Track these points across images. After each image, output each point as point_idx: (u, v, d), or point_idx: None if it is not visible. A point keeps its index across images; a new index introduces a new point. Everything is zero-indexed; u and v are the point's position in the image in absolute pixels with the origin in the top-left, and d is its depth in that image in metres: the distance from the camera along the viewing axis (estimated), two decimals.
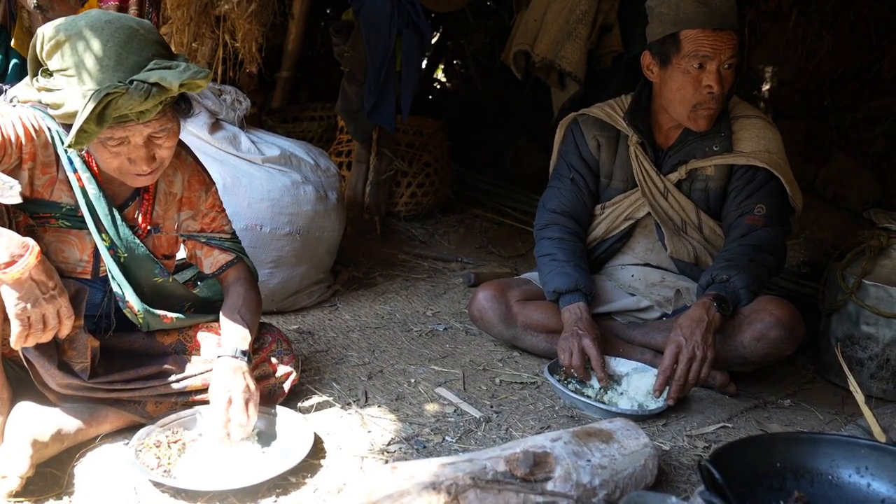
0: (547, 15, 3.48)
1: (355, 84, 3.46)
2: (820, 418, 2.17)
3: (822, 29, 3.77)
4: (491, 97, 5.59)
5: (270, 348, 1.92)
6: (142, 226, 1.78)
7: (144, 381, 1.72)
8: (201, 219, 1.89)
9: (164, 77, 1.47)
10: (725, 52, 2.15)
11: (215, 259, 1.91)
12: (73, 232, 1.70)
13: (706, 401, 2.18)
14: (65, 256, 1.71)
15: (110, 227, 1.69)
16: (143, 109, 1.50)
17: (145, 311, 1.75)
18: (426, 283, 3.17)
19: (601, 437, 1.61)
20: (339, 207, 2.87)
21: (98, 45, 1.48)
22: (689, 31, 2.15)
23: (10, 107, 1.61)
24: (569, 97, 3.62)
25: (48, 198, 1.64)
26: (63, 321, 1.50)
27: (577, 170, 2.44)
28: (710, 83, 2.16)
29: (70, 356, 1.63)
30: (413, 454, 1.77)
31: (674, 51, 2.18)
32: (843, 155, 3.67)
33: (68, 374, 1.62)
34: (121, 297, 1.74)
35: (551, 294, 2.26)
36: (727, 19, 2.15)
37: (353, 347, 2.40)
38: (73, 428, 1.63)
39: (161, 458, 1.62)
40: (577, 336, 2.13)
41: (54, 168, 1.64)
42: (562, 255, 2.31)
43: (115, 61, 1.49)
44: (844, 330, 2.42)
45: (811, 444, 1.48)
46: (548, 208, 2.45)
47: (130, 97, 1.46)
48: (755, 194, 2.27)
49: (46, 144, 1.61)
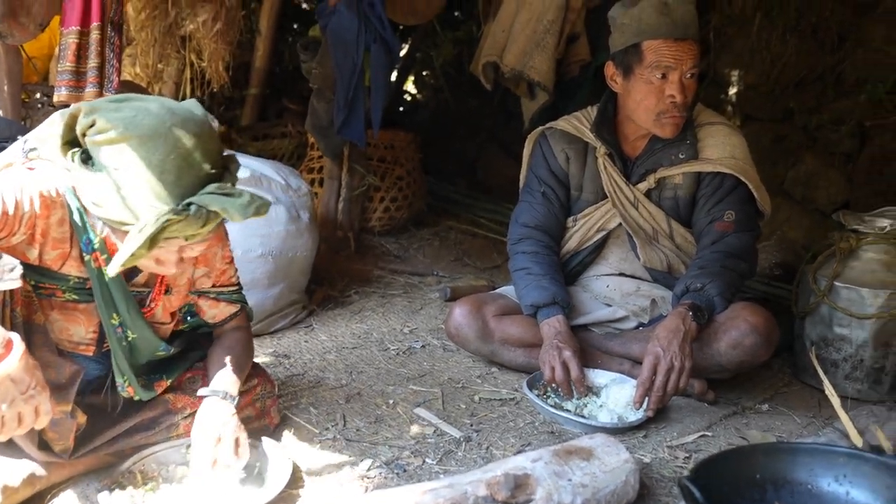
0: (514, 26, 3.49)
1: (324, 100, 3.44)
2: (798, 422, 2.18)
3: (786, 33, 3.81)
4: (461, 108, 5.60)
5: (256, 392, 1.87)
6: (156, 293, 1.68)
7: (127, 436, 1.68)
8: (215, 275, 1.79)
9: (225, 209, 1.35)
10: (687, 61, 2.16)
11: (220, 311, 1.82)
12: (80, 307, 1.61)
13: (685, 409, 2.18)
14: (70, 334, 1.63)
15: (124, 309, 1.59)
16: (195, 234, 1.40)
17: (142, 391, 1.70)
18: (402, 298, 3.15)
19: (581, 454, 1.60)
20: (312, 226, 2.85)
21: (159, 156, 1.33)
22: (651, 42, 2.16)
23: (31, 174, 1.46)
24: (538, 107, 3.63)
25: (57, 270, 1.54)
26: (40, 417, 1.37)
27: (547, 183, 2.44)
28: (672, 93, 2.17)
29: (51, 438, 1.56)
30: (393, 478, 1.75)
31: (636, 61, 2.20)
32: (811, 156, 3.72)
33: (49, 453, 1.56)
34: (121, 384, 1.67)
35: (528, 308, 2.26)
36: (689, 29, 2.17)
37: (329, 369, 2.37)
38: (46, 471, 1.58)
39: (135, 497, 1.58)
40: (558, 349, 2.13)
41: (68, 245, 1.52)
42: (537, 269, 2.31)
43: (175, 178, 1.34)
44: (818, 332, 2.45)
45: (790, 454, 1.48)
46: (520, 223, 2.45)
47: (188, 224, 1.34)
48: (724, 200, 2.28)
49: (62, 221, 1.49)
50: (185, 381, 1.82)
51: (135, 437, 1.69)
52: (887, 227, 2.38)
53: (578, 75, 3.67)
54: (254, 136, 4.45)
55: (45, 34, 3.21)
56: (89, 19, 2.55)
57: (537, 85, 3.47)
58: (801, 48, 3.79)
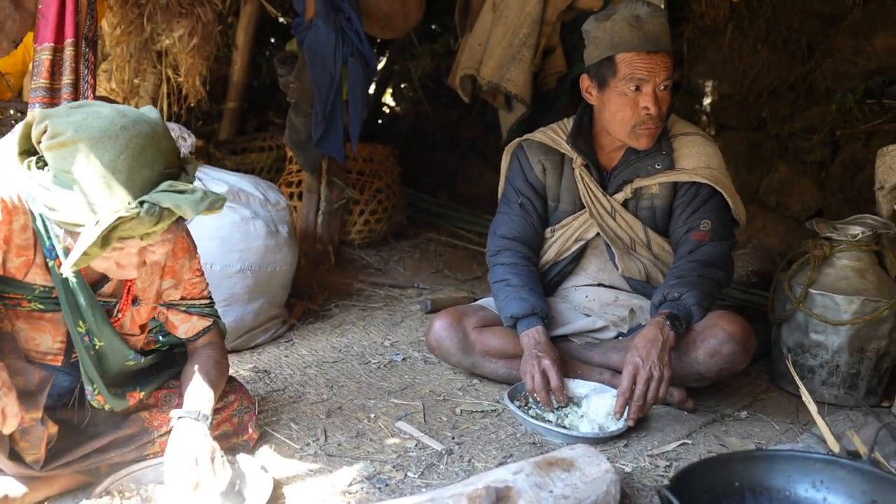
0: (491, 39, 3.52)
1: (302, 114, 3.43)
2: (776, 428, 2.20)
3: (757, 43, 3.88)
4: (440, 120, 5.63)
5: (233, 408, 1.86)
6: (123, 302, 1.67)
7: (101, 453, 1.65)
8: (183, 287, 1.79)
9: (178, 205, 1.35)
10: (660, 73, 2.19)
11: (192, 325, 1.81)
12: (46, 316, 1.59)
13: (665, 418, 2.20)
14: (36, 344, 1.61)
15: (90, 316, 1.58)
16: (149, 233, 1.38)
17: (113, 400, 1.68)
18: (383, 311, 3.14)
19: (562, 465, 1.61)
20: (291, 240, 2.84)
21: (109, 156, 1.34)
22: (624, 55, 2.19)
23: None
24: (516, 119, 3.66)
25: (21, 279, 1.52)
26: (7, 419, 1.38)
27: (524, 195, 2.46)
28: (646, 104, 2.20)
29: (22, 447, 1.53)
30: (375, 493, 1.74)
31: (610, 74, 2.22)
32: (784, 164, 3.78)
33: (20, 464, 1.53)
34: (90, 391, 1.65)
35: (508, 320, 2.27)
36: (661, 42, 2.19)
37: (310, 384, 2.36)
38: (20, 492, 1.56)
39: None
40: (537, 358, 2.14)
41: (31, 251, 1.51)
42: (516, 280, 2.32)
43: (127, 177, 1.35)
44: (795, 338, 2.48)
45: (767, 461, 1.50)
46: (499, 234, 2.46)
47: (140, 222, 1.34)
48: (699, 210, 2.31)
49: (25, 227, 1.48)
50: (161, 398, 1.81)
51: (109, 454, 1.67)
52: (859, 235, 2.41)
53: (555, 87, 3.70)
54: (232, 150, 4.44)
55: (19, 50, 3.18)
56: (63, 36, 2.53)
57: (514, 97, 3.49)
58: (772, 58, 3.86)
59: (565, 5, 3.48)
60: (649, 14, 2.19)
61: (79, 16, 2.54)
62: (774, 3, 3.80)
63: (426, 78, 5.59)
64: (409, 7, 3.61)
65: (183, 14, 3.31)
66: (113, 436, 1.69)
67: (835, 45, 3.66)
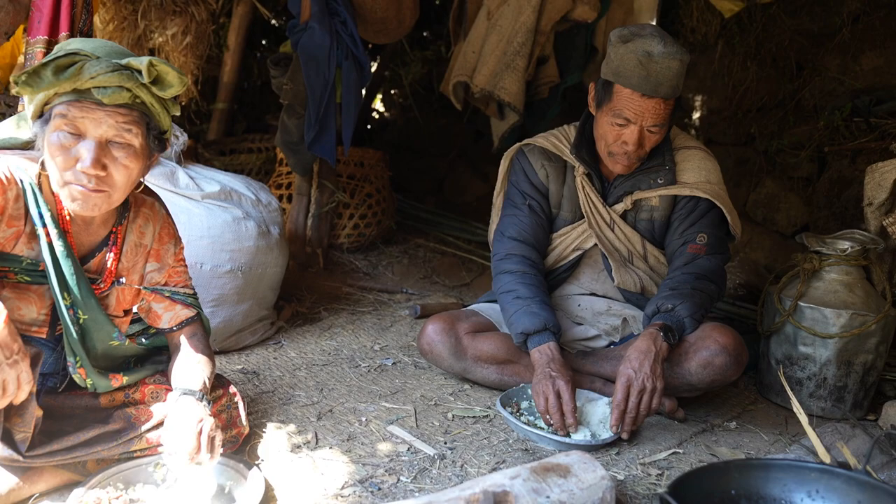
0: (485, 47, 3.53)
1: (295, 116, 3.42)
2: (765, 439, 2.22)
3: (747, 60, 3.93)
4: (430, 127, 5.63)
5: (222, 402, 1.85)
6: (106, 277, 1.69)
7: (86, 447, 1.63)
8: (167, 273, 1.82)
9: (133, 61, 1.46)
10: (648, 119, 2.15)
11: (177, 314, 1.84)
12: (33, 288, 1.60)
13: (656, 427, 2.20)
14: (21, 314, 1.61)
15: (74, 286, 1.60)
16: (106, 85, 1.45)
17: (95, 376, 1.68)
18: (372, 316, 3.13)
19: (559, 471, 1.60)
20: (282, 242, 2.82)
21: (93, 44, 1.49)
22: (621, 89, 2.15)
23: None
24: (508, 127, 3.67)
25: (9, 251, 1.55)
26: (22, 387, 1.39)
27: (531, 196, 2.42)
28: (626, 140, 2.18)
29: (14, 423, 1.52)
30: (368, 497, 1.72)
31: (606, 98, 2.20)
32: (772, 179, 3.82)
33: (7, 446, 1.51)
34: (73, 363, 1.65)
35: (518, 336, 2.20)
36: (661, 88, 2.11)
37: (300, 386, 2.34)
38: (6, 489, 1.53)
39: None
40: (552, 379, 2.07)
41: (22, 222, 1.55)
42: (525, 291, 2.26)
43: (105, 54, 1.48)
44: (783, 351, 2.50)
45: (764, 471, 1.50)
46: (507, 236, 2.40)
47: (98, 64, 1.42)
48: (697, 223, 2.32)
49: (18, 197, 1.53)
50: (147, 394, 1.79)
51: (95, 448, 1.65)
52: (848, 249, 2.44)
53: (547, 97, 3.72)
54: (220, 150, 4.41)
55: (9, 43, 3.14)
56: (58, 29, 2.51)
57: (507, 105, 3.50)
58: (761, 75, 3.91)
59: (559, 16, 3.51)
60: (662, 55, 2.08)
61: (74, 10, 2.51)
62: (764, 21, 3.85)
63: (417, 84, 5.60)
64: (403, 13, 3.61)
65: (177, 12, 3.29)
66: (99, 430, 1.66)
67: (823, 64, 3.71)
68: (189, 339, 1.84)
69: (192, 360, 1.80)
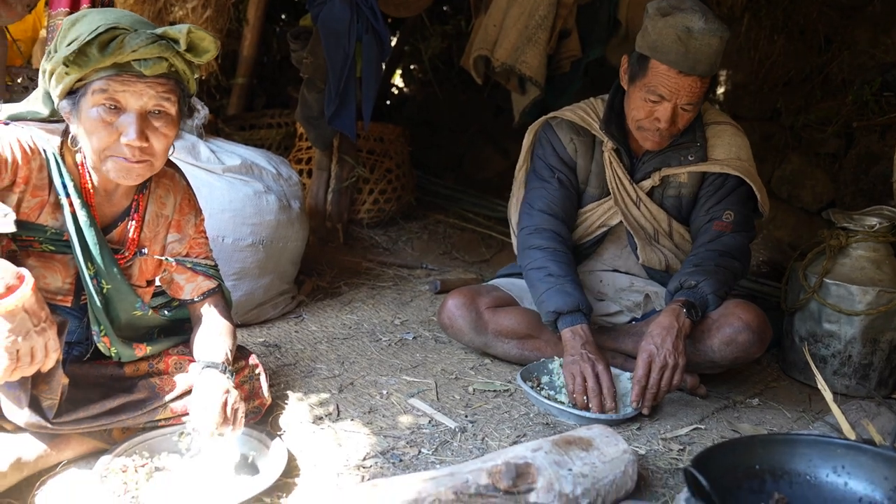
0: (506, 20, 3.48)
1: (315, 91, 3.40)
2: (788, 416, 2.20)
3: (774, 33, 3.85)
4: (450, 102, 5.59)
5: (244, 373, 1.87)
6: (129, 247, 1.71)
7: (112, 415, 1.65)
8: (188, 244, 1.84)
9: (170, 29, 1.48)
10: (683, 96, 2.10)
11: (198, 285, 1.85)
12: (57, 257, 1.62)
13: (677, 403, 2.19)
14: (47, 282, 1.63)
15: (97, 255, 1.61)
16: (146, 56, 1.47)
17: (119, 345, 1.70)
18: (392, 290, 3.13)
19: (581, 444, 1.60)
20: (302, 216, 2.82)
21: (114, 15, 1.49)
22: (657, 64, 2.10)
23: (6, 127, 1.54)
24: (529, 102, 3.63)
25: (34, 220, 1.57)
26: (49, 354, 1.41)
27: (560, 170, 2.37)
28: (659, 117, 2.14)
29: (42, 390, 1.54)
30: (389, 468, 1.74)
31: (640, 73, 2.15)
32: (797, 155, 3.76)
33: (35, 412, 1.53)
34: (97, 332, 1.67)
35: (549, 314, 2.16)
36: (698, 66, 2.06)
37: (321, 360, 2.35)
38: (34, 456, 1.56)
39: (128, 484, 1.55)
40: (590, 361, 2.05)
41: (46, 191, 1.56)
42: (557, 269, 2.21)
43: (129, 24, 1.49)
44: (808, 328, 2.47)
45: (789, 445, 1.49)
46: (537, 208, 2.34)
47: (137, 37, 1.44)
48: (724, 200, 2.29)
49: (42, 167, 1.55)
50: (171, 365, 1.81)
51: (120, 417, 1.67)
52: (876, 226, 2.40)
53: (569, 71, 3.67)
54: (240, 125, 4.40)
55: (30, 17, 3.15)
56: (79, 1, 2.51)
57: (528, 80, 3.46)
58: (788, 49, 3.83)
59: None
60: (703, 31, 2.03)
61: None
62: None
63: (436, 59, 5.55)
64: None
65: None
66: (124, 399, 1.69)
67: (853, 37, 3.63)
68: (211, 311, 1.86)
69: (214, 331, 1.81)
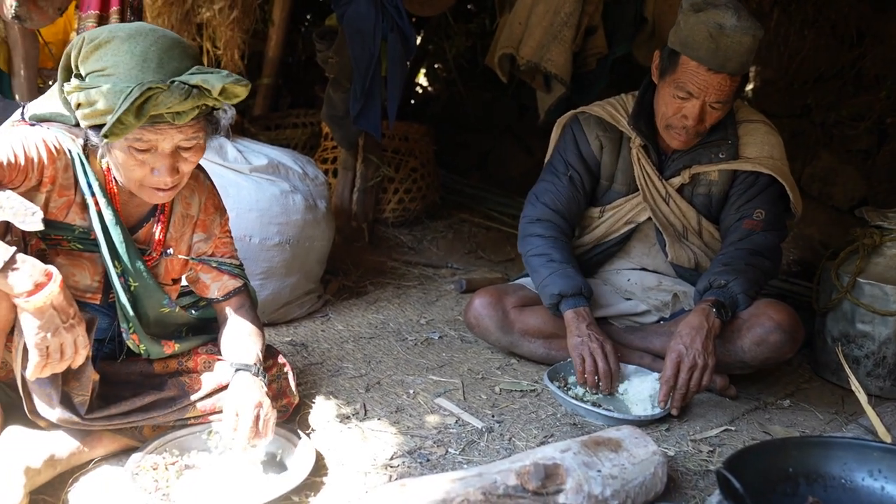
0: (531, 18, 3.46)
1: (340, 90, 3.41)
2: (820, 418, 2.16)
3: (804, 28, 3.79)
4: (474, 101, 5.57)
5: (272, 372, 1.88)
6: (155, 247, 1.73)
7: (142, 413, 1.67)
8: (213, 243, 1.85)
9: (206, 80, 1.43)
10: (712, 94, 2.08)
11: (224, 284, 1.86)
12: (85, 255, 1.64)
13: (707, 404, 2.17)
14: (75, 280, 1.65)
15: (124, 254, 1.64)
16: (180, 110, 1.44)
17: (148, 342, 1.72)
18: (417, 290, 3.13)
19: (610, 446, 1.58)
20: (328, 216, 2.83)
21: (141, 47, 1.44)
22: (687, 60, 2.08)
23: (32, 128, 1.55)
24: (554, 99, 3.60)
25: (62, 220, 1.59)
26: (79, 351, 1.45)
27: (575, 168, 2.37)
28: (687, 115, 2.12)
29: (73, 387, 1.57)
30: (417, 468, 1.73)
31: (671, 69, 2.14)
32: (828, 152, 3.70)
33: (67, 409, 1.55)
34: (126, 329, 1.69)
35: (552, 297, 2.20)
36: (728, 64, 2.04)
37: (348, 359, 2.36)
38: (66, 452, 1.58)
39: (159, 481, 1.57)
40: (598, 342, 2.10)
41: (72, 191, 1.58)
42: (558, 256, 2.26)
43: (157, 63, 1.44)
44: (840, 328, 2.43)
45: (823, 448, 1.46)
46: (542, 201, 2.37)
47: (171, 95, 1.40)
48: (755, 199, 2.25)
49: (67, 167, 1.57)
50: (200, 363, 1.83)
51: (151, 414, 1.68)
52: None
53: (595, 68, 3.64)
54: (266, 126, 4.43)
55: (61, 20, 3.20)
56: (109, 3, 2.54)
57: (554, 77, 3.44)
58: (819, 44, 3.77)
59: None
60: (735, 29, 2.01)
61: None
62: None
63: (461, 58, 5.54)
64: None
65: None
66: (155, 396, 1.70)
67: (886, 31, 3.56)
68: (237, 310, 1.87)
69: (243, 332, 1.82)
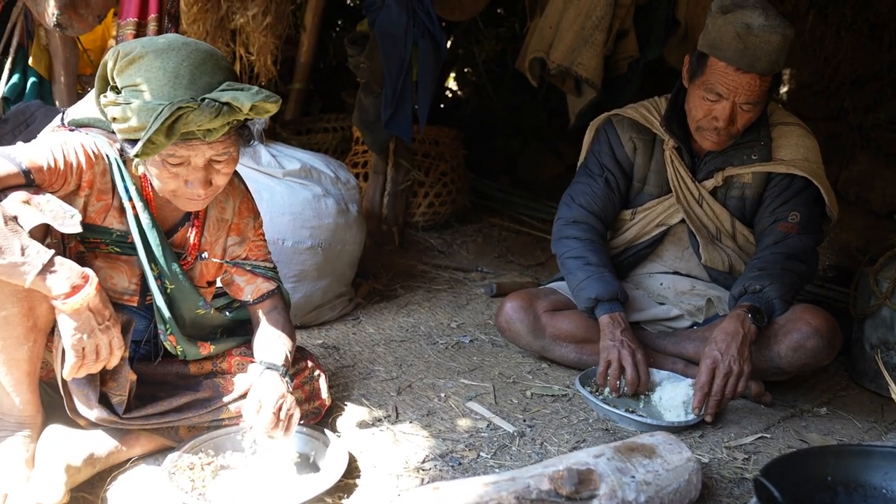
0: (562, 22, 3.46)
1: (372, 95, 3.44)
2: (858, 426, 2.12)
3: (841, 30, 3.73)
4: (504, 105, 5.57)
5: (304, 375, 1.90)
6: (190, 251, 1.76)
7: (178, 413, 1.70)
8: (247, 246, 1.87)
9: (236, 97, 1.44)
10: (741, 94, 2.06)
11: (258, 287, 1.88)
12: (123, 258, 1.68)
13: (741, 410, 2.14)
14: (113, 283, 1.69)
15: (161, 257, 1.67)
16: (210, 128, 1.46)
17: (186, 343, 1.75)
18: (448, 294, 3.14)
19: (644, 451, 1.57)
20: (360, 220, 2.85)
21: (173, 63, 1.45)
22: (716, 61, 2.07)
23: (72, 133, 1.59)
24: (585, 103, 3.59)
25: (100, 223, 1.62)
26: (114, 352, 1.48)
27: (610, 170, 2.36)
28: (717, 116, 2.10)
29: (110, 387, 1.60)
30: (449, 471, 1.74)
31: (700, 71, 2.12)
32: (865, 156, 3.63)
33: (105, 408, 1.59)
34: (163, 331, 1.73)
35: (588, 301, 2.19)
36: (757, 64, 2.02)
37: (379, 362, 2.37)
38: (105, 451, 1.61)
39: (195, 481, 1.59)
40: (629, 349, 2.08)
41: (110, 195, 1.62)
42: (595, 259, 2.24)
43: (189, 80, 1.45)
44: (879, 335, 2.38)
45: (863, 457, 1.44)
46: (578, 203, 2.36)
47: (201, 113, 1.42)
48: (790, 201, 2.22)
49: (105, 172, 1.60)
50: (234, 365, 1.86)
51: (186, 415, 1.71)
52: None
53: (626, 72, 3.62)
54: (297, 130, 4.47)
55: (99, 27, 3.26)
56: (147, 11, 2.59)
57: (585, 81, 3.43)
58: (856, 46, 3.71)
59: None
60: (762, 28, 2.00)
61: None
62: None
63: (490, 62, 5.54)
64: None
65: None
66: (190, 397, 1.73)
67: None
68: (270, 313, 1.89)
69: (274, 333, 1.84)
